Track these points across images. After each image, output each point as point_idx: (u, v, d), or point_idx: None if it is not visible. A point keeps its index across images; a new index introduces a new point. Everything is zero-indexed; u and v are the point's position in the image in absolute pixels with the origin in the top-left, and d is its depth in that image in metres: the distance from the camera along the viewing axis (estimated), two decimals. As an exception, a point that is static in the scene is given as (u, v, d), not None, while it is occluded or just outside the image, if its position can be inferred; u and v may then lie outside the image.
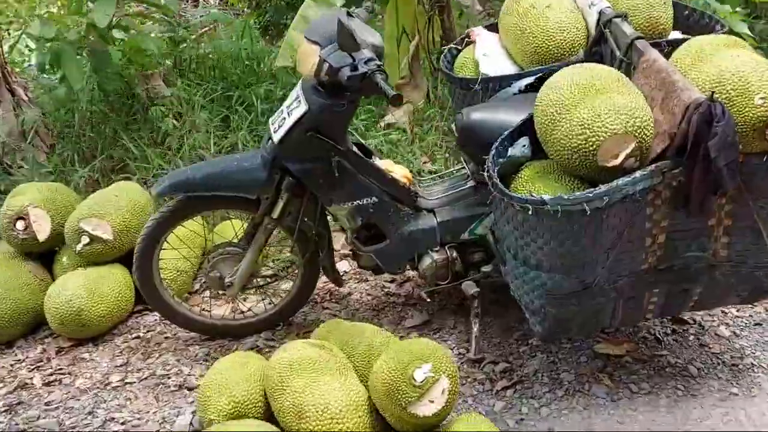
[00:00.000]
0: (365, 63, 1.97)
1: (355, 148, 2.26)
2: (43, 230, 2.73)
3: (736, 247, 2.01)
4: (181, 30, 4.27)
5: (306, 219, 2.33)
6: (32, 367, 2.49)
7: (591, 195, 1.81)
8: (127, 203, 2.77)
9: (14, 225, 2.70)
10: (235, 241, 2.48)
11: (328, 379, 1.95)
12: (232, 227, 2.71)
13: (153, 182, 3.22)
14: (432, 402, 1.78)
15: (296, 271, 2.57)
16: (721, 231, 1.98)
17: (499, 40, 2.66)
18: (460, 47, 2.77)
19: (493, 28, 2.75)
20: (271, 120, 2.25)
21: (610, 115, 1.83)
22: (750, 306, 2.69)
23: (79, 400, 2.31)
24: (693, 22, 2.53)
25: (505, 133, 2.11)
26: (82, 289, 2.54)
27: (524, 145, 2.10)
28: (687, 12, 2.57)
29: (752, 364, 2.42)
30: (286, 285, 2.78)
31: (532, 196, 1.88)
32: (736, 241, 2.00)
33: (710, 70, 1.91)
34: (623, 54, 2.17)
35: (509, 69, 2.56)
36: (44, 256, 2.84)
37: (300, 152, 2.19)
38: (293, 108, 2.15)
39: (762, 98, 1.80)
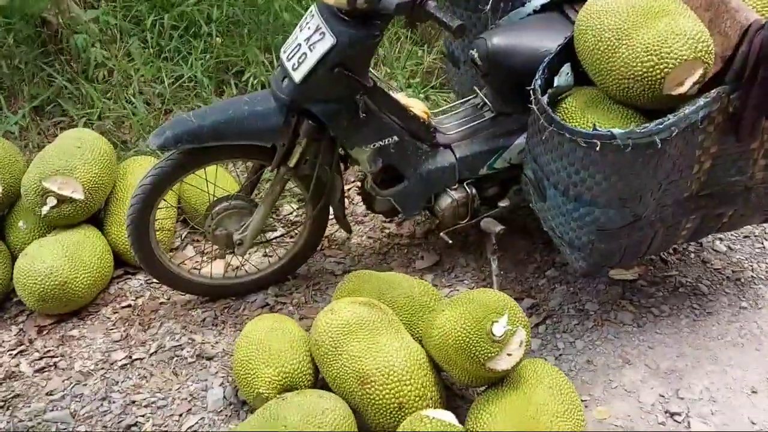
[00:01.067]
0: None
1: (378, 84, 2.05)
2: (-10, 192, 2.33)
3: (772, 169, 2.03)
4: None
5: (323, 164, 2.11)
6: (14, 352, 2.17)
7: (662, 126, 1.73)
8: (93, 155, 2.41)
9: (-47, 189, 2.29)
10: (238, 193, 2.23)
11: (386, 340, 1.82)
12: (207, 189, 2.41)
13: (96, 126, 2.84)
14: (510, 355, 1.71)
15: (303, 222, 2.36)
16: (761, 153, 1.99)
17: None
18: None
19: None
20: (283, 54, 1.98)
21: (678, 39, 1.73)
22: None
23: (86, 385, 2.04)
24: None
25: (546, 59, 1.98)
26: (61, 258, 2.22)
27: (568, 73, 1.97)
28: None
29: (752, 276, 2.52)
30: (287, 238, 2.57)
31: (596, 130, 1.78)
32: (773, 162, 2.02)
33: (764, -11, 1.85)
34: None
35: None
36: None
37: (324, 92, 1.96)
38: (315, 41, 1.89)
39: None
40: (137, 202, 2.06)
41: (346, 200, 2.69)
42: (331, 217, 2.38)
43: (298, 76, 1.92)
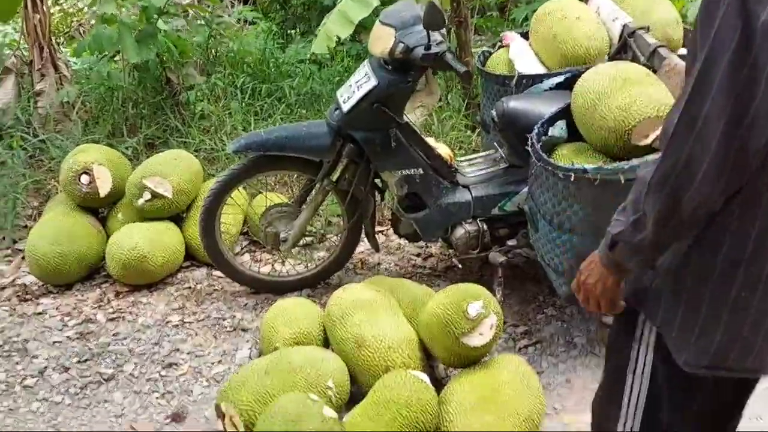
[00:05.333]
0: (437, 44, 2.30)
1: (410, 123, 2.57)
2: (104, 186, 2.95)
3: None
4: (214, 25, 4.56)
5: (359, 184, 2.61)
6: (95, 306, 2.70)
7: (626, 167, 2.13)
8: (185, 168, 3.02)
9: (79, 179, 2.93)
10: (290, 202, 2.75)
11: (384, 317, 2.22)
12: (266, 200, 2.96)
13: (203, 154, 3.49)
14: (481, 335, 2.07)
15: (339, 235, 2.84)
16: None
17: (530, 45, 3.01)
18: (492, 50, 3.11)
19: (523, 35, 3.11)
20: (338, 93, 2.55)
21: (644, 101, 2.17)
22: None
23: (144, 333, 2.53)
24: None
25: (546, 115, 2.44)
26: (146, 239, 2.78)
27: (562, 128, 2.42)
28: (691, 34, 2.95)
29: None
30: (323, 250, 3.04)
31: (573, 165, 2.20)
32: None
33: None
34: (647, 59, 2.53)
35: (540, 69, 2.91)
36: (94, 211, 3.07)
37: (365, 122, 2.49)
38: (362, 82, 2.46)
39: None
40: (211, 194, 2.61)
41: (383, 235, 3.17)
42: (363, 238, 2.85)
43: (346, 107, 2.47)
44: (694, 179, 1.07)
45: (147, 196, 2.88)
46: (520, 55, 2.96)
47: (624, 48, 2.73)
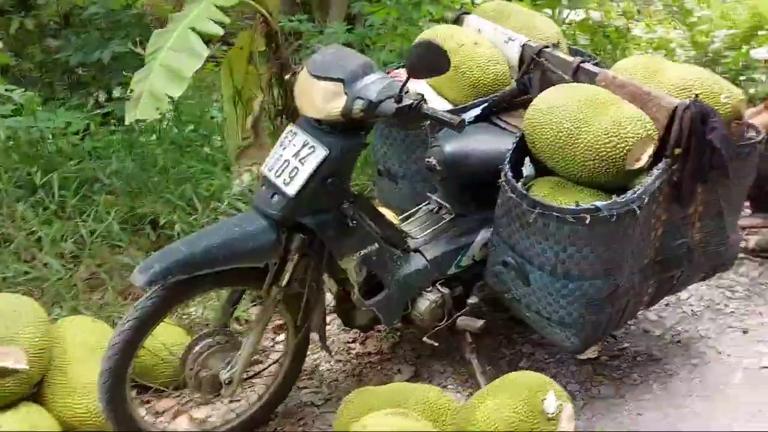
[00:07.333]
0: (407, 94, 1.86)
1: (360, 193, 2.08)
2: None
3: (706, 230, 2.31)
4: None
5: (312, 282, 2.05)
6: None
7: (635, 195, 1.95)
8: (31, 318, 2.12)
9: None
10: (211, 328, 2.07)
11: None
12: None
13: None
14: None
15: (284, 351, 2.23)
16: (697, 217, 2.27)
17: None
18: None
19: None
20: (269, 173, 1.96)
21: (630, 122, 2.00)
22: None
23: None
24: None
25: (508, 155, 2.16)
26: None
27: (530, 165, 2.16)
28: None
29: (688, 336, 2.76)
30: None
31: (580, 206, 1.94)
32: (706, 224, 2.30)
33: (670, 80, 2.21)
34: (571, 77, 2.38)
35: (445, 104, 2.63)
36: None
37: (317, 204, 1.95)
38: (305, 155, 1.91)
39: (726, 97, 2.14)
40: (117, 351, 1.83)
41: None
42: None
43: (291, 190, 1.90)
44: None
45: (-7, 378, 1.95)
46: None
47: (528, 70, 2.56)
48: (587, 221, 1.91)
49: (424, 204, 2.54)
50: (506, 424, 1.69)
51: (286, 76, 3.91)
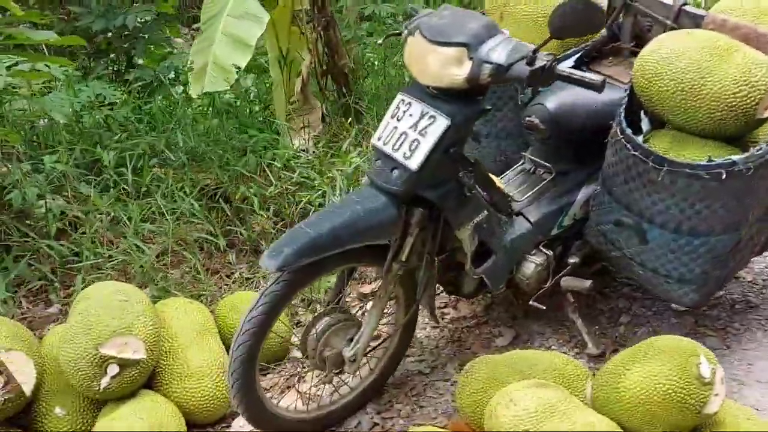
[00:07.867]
0: (539, 55, 1.75)
1: (477, 159, 2.00)
2: (27, 380, 1.90)
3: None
4: None
5: (431, 254, 1.99)
6: None
7: (773, 147, 1.86)
8: (141, 307, 2.06)
9: (-14, 384, 1.83)
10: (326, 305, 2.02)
11: (581, 419, 1.69)
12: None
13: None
14: (717, 395, 1.66)
15: (395, 321, 2.18)
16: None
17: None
18: None
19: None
20: (385, 147, 1.86)
21: (760, 68, 1.90)
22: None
23: None
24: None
25: (621, 108, 2.05)
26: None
27: (646, 119, 2.07)
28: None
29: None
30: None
31: (713, 160, 1.86)
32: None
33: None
34: (673, 22, 2.26)
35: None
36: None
37: (439, 175, 1.86)
38: (425, 126, 1.81)
39: None
40: (248, 338, 1.78)
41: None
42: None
43: (414, 163, 1.81)
44: None
45: (114, 370, 1.91)
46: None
47: (619, 15, 2.43)
48: (723, 176, 1.83)
49: (518, 165, 2.45)
50: (660, 393, 1.64)
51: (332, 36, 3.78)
